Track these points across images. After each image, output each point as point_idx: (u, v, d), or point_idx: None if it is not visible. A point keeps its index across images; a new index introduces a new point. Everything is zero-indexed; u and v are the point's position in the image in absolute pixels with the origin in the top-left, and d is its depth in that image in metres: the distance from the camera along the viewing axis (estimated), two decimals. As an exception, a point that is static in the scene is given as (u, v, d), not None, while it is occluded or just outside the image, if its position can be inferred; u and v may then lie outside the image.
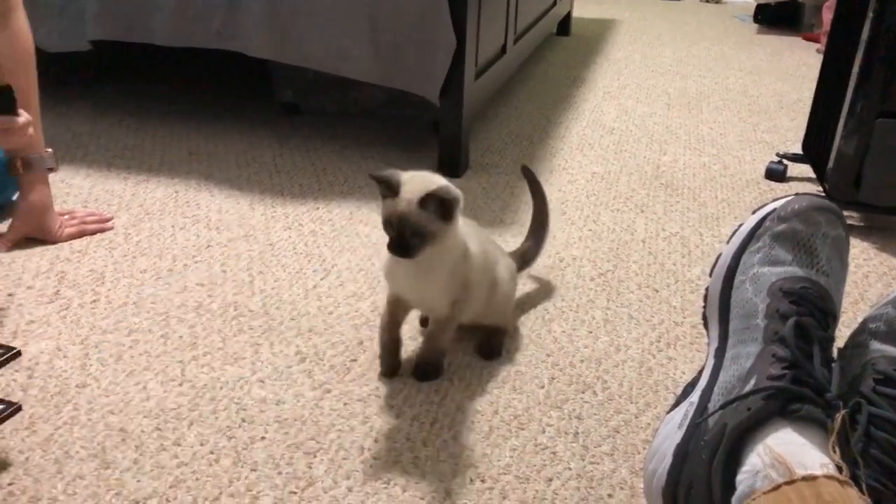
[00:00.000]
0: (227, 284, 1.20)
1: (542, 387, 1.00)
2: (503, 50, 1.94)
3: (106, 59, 2.23)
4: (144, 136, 1.81)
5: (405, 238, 0.88)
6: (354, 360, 1.03)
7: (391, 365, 1.01)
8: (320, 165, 1.70)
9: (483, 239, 1.04)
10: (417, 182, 0.89)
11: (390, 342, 1.01)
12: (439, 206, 0.88)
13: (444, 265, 0.94)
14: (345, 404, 0.94)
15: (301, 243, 1.34)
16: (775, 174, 1.71)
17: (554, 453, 0.88)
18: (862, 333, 0.72)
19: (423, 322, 1.10)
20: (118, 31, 1.69)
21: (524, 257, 1.19)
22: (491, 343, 1.07)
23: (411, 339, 1.07)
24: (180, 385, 0.96)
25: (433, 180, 0.91)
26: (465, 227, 0.98)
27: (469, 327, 1.07)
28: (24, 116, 1.03)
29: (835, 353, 0.72)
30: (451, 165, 1.66)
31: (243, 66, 1.85)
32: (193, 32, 1.66)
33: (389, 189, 0.89)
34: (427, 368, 1.00)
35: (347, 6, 1.56)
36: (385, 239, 0.91)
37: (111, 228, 1.36)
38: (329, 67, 1.63)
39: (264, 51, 1.64)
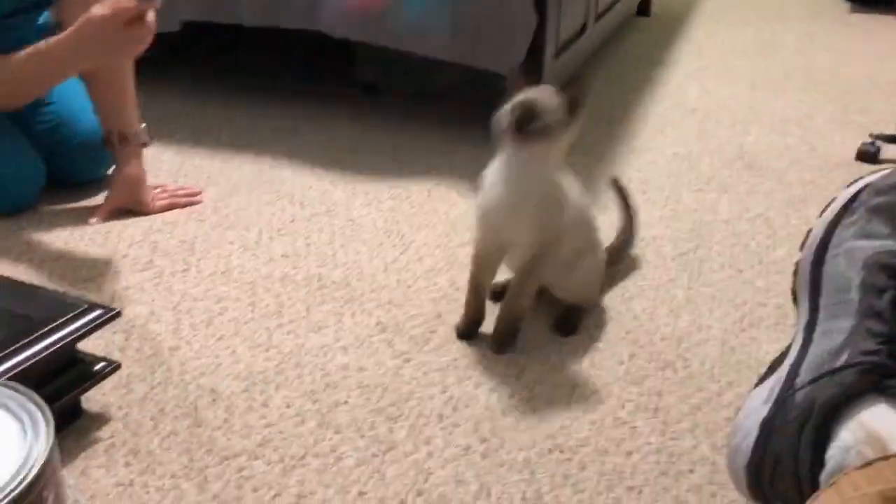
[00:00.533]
0: (311, 257, 1.23)
1: (622, 363, 0.99)
2: (584, 28, 1.92)
3: (194, 40, 2.30)
4: (231, 114, 1.86)
5: (526, 115, 0.92)
6: (433, 332, 1.04)
7: (468, 325, 1.04)
8: (399, 144, 1.71)
9: (584, 203, 1.07)
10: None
11: (474, 301, 1.04)
12: (571, 99, 0.94)
13: (540, 189, 0.97)
14: (424, 373, 0.96)
15: (381, 219, 1.36)
16: (867, 156, 1.65)
17: (633, 428, 0.88)
18: (962, 310, 0.69)
19: (496, 296, 1.10)
20: (207, 12, 1.74)
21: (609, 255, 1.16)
22: (569, 320, 1.07)
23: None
24: (267, 350, 1.00)
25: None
26: (568, 180, 1.02)
27: (548, 303, 1.07)
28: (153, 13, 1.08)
29: (933, 331, 0.70)
30: (530, 145, 1.65)
31: (326, 46, 1.88)
32: (278, 13, 1.69)
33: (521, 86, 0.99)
34: (503, 335, 1.02)
35: (429, -15, 1.57)
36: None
37: (200, 202, 1.40)
38: (410, 46, 1.64)
39: (347, 31, 1.66)
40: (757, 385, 0.76)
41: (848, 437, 0.61)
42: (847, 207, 0.74)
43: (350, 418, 0.88)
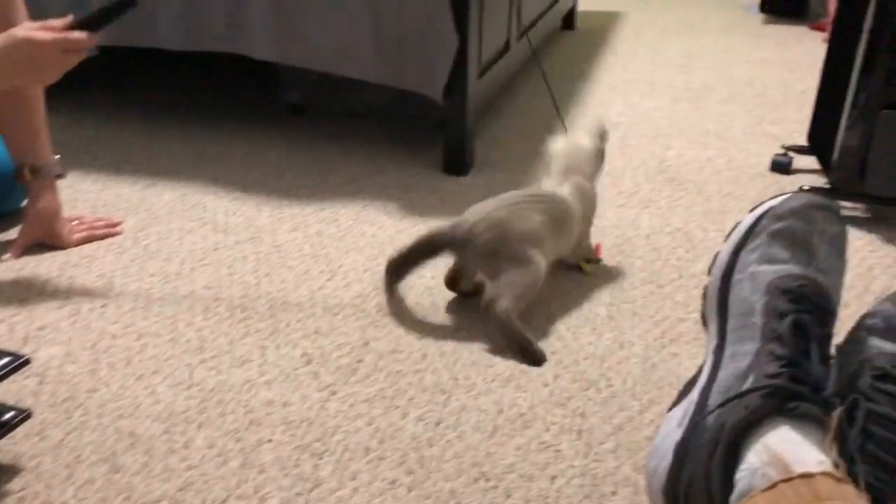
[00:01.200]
0: (234, 287, 1.21)
1: (546, 385, 1.01)
2: (507, 47, 1.94)
3: (111, 63, 2.25)
4: (152, 139, 1.83)
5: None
6: (360, 361, 1.04)
7: None
8: (326, 166, 1.71)
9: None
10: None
11: None
12: None
13: None
14: (350, 405, 0.95)
15: (307, 244, 1.35)
16: (781, 167, 1.71)
17: (558, 451, 0.89)
18: (860, 330, 0.72)
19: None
20: (125, 37, 1.70)
21: None
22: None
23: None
24: (188, 388, 0.98)
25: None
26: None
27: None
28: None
29: (833, 351, 0.72)
30: (457, 164, 1.67)
31: (249, 67, 1.87)
32: (199, 36, 1.67)
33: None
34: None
35: (351, 6, 1.57)
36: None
37: (120, 233, 1.37)
38: (333, 68, 1.64)
39: (269, 52, 1.65)
40: (672, 407, 0.78)
41: (754, 460, 0.63)
42: (750, 232, 0.77)
43: (274, 456, 0.87)
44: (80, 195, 1.51)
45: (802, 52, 2.87)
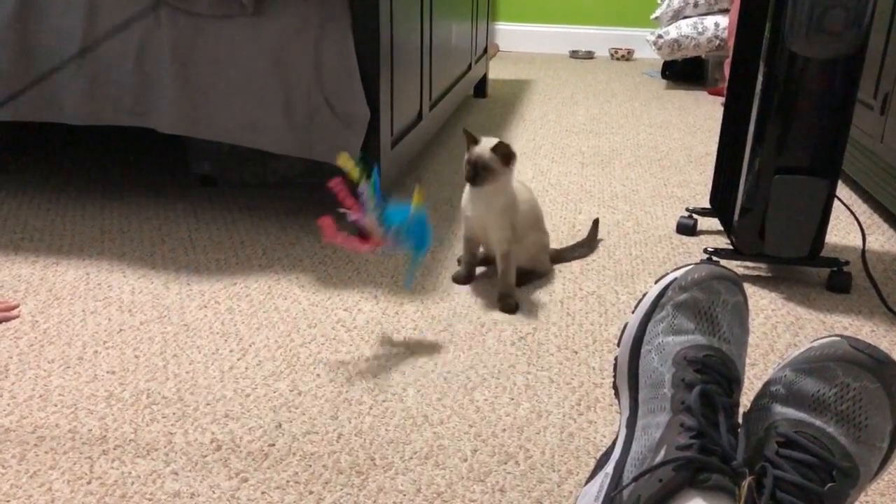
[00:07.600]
0: (140, 370, 1.16)
1: (465, 460, 0.99)
2: (419, 117, 1.97)
3: (12, 138, 2.17)
4: (55, 215, 1.76)
5: (477, 170, 1.34)
6: (273, 445, 1.00)
7: (465, 274, 1.49)
8: (238, 238, 1.67)
9: (532, 198, 1.49)
10: (491, 140, 1.38)
11: (469, 258, 1.50)
12: (503, 154, 1.35)
13: (495, 207, 1.39)
14: (262, 493, 0.92)
15: (217, 322, 1.31)
16: (686, 229, 1.77)
17: (478, 530, 0.87)
18: (764, 397, 0.74)
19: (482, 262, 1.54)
20: (29, 112, 1.65)
21: (560, 253, 1.61)
22: (525, 277, 1.49)
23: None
24: (88, 483, 0.92)
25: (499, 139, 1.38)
26: (520, 187, 1.45)
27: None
28: None
29: (740, 418, 0.74)
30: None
31: (157, 138, 1.83)
32: (104, 110, 1.63)
33: (473, 141, 1.37)
34: (507, 300, 1.40)
35: (260, 79, 1.56)
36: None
37: (17, 316, 1.30)
38: (244, 141, 1.62)
39: (177, 127, 1.62)
40: (588, 480, 0.78)
41: (669, 534, 0.63)
42: (657, 303, 0.78)
43: (180, 554, 0.82)
44: (-27, 277, 1.44)
45: (703, 116, 3.01)
